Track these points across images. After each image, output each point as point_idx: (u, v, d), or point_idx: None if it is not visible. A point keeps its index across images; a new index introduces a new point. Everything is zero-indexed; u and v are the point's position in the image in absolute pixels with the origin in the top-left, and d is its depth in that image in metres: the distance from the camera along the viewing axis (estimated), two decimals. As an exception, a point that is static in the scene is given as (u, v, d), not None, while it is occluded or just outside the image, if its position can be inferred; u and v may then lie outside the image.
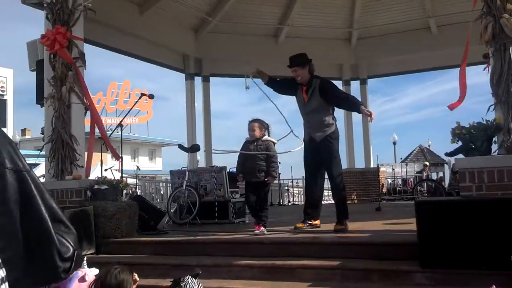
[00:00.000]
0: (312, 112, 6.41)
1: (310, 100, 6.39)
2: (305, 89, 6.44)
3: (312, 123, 6.42)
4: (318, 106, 6.36)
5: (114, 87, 42.84)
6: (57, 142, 6.96)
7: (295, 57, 6.51)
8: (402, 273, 4.43)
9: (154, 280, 5.05)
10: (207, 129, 13.43)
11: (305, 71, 6.42)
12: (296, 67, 6.42)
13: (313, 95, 6.35)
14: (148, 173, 37.39)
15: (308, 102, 6.41)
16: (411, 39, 13.52)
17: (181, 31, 12.82)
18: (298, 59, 6.48)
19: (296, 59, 6.48)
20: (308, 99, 6.40)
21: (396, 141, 36.27)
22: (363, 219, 7.62)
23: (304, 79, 6.43)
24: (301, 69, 6.40)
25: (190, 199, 8.01)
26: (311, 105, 6.40)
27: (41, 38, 7.18)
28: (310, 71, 6.46)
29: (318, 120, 6.35)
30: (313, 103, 6.37)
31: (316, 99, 6.35)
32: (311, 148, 6.40)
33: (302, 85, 6.47)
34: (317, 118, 6.36)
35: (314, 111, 6.39)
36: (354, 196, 14.07)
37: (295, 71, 6.43)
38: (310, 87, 6.40)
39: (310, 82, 6.42)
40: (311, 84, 6.40)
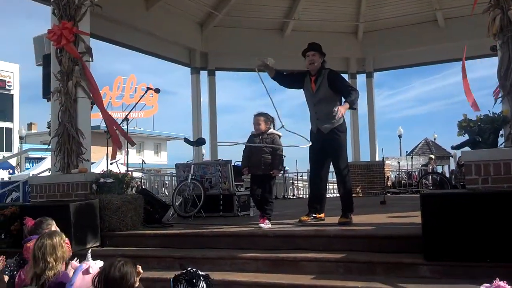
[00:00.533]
0: (320, 103, 6.40)
1: (318, 90, 6.40)
2: (314, 79, 6.46)
3: (320, 114, 6.40)
4: (326, 97, 6.36)
5: (120, 81, 42.99)
6: (64, 136, 6.98)
7: (315, 44, 6.59)
8: (406, 265, 4.42)
9: (159, 273, 5.07)
10: (213, 123, 13.43)
11: (320, 60, 6.48)
12: (315, 52, 6.48)
13: (322, 85, 6.36)
14: (153, 167, 37.51)
15: (317, 92, 6.41)
16: (418, 32, 13.45)
17: (187, 25, 12.81)
18: (318, 46, 6.56)
19: (316, 45, 6.56)
20: (316, 89, 6.41)
21: (402, 134, 36.20)
22: (367, 212, 7.62)
23: (316, 67, 6.45)
24: (318, 56, 6.47)
25: (195, 192, 8.03)
26: (319, 95, 6.39)
27: (48, 33, 7.19)
28: (323, 63, 6.53)
29: (326, 111, 6.33)
30: (321, 93, 6.38)
31: (324, 89, 6.36)
32: (318, 140, 6.36)
33: (311, 75, 6.49)
34: (325, 109, 6.35)
35: (322, 101, 6.39)
36: (359, 189, 14.07)
37: (313, 55, 6.45)
38: (319, 77, 6.42)
39: (320, 72, 6.44)
40: (320, 74, 6.43)
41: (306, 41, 6.77)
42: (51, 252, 3.62)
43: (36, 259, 3.63)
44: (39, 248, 3.64)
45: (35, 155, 31.64)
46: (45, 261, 3.60)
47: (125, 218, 6.46)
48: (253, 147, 6.39)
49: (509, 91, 4.77)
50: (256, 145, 6.36)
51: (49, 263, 3.60)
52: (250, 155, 6.46)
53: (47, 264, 3.59)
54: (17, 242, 5.97)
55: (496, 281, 2.71)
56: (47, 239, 3.69)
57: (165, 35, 12.02)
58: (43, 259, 3.59)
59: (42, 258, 3.60)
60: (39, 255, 3.61)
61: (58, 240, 3.73)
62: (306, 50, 6.56)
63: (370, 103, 14.90)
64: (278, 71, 6.69)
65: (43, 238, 3.72)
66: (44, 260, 3.59)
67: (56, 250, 3.66)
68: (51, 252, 3.62)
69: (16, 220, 6.38)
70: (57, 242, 3.70)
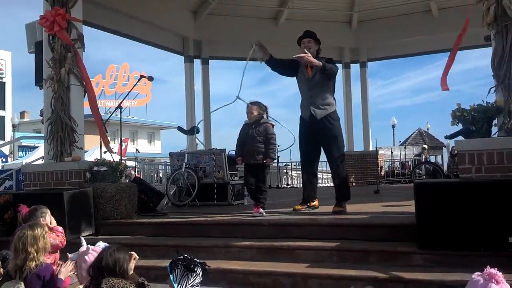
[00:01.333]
0: (315, 87, 6.43)
1: (314, 76, 6.43)
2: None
3: (314, 99, 6.41)
4: (322, 82, 6.41)
5: (113, 69, 42.71)
6: (57, 124, 6.95)
7: (311, 31, 6.64)
8: (400, 254, 4.45)
9: (153, 261, 5.08)
10: (206, 111, 13.40)
11: (316, 47, 6.53)
12: (310, 39, 6.53)
13: (318, 71, 6.38)
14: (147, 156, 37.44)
15: (312, 77, 6.45)
16: (412, 22, 13.44)
17: (180, 13, 12.74)
18: (313, 33, 6.62)
19: (312, 33, 6.61)
20: (312, 75, 6.44)
21: (395, 124, 36.35)
22: (361, 201, 7.65)
23: (312, 53, 6.43)
24: (314, 43, 6.53)
25: (189, 181, 8.04)
26: (315, 80, 6.43)
27: (40, 20, 7.12)
28: (318, 50, 6.58)
29: (321, 96, 6.39)
30: (317, 78, 6.41)
31: (320, 75, 6.39)
32: (311, 125, 6.39)
33: None
34: (320, 94, 6.40)
35: (317, 86, 6.42)
36: (353, 179, 14.11)
37: (309, 42, 6.51)
38: None
39: (316, 59, 6.42)
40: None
41: (300, 30, 6.77)
42: (32, 243, 3.60)
43: (16, 250, 3.61)
44: (19, 239, 3.62)
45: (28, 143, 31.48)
46: (25, 252, 3.57)
47: (119, 206, 6.45)
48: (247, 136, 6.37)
49: (502, 80, 4.78)
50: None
51: (29, 253, 3.57)
52: (244, 144, 6.46)
53: (28, 254, 3.56)
54: (10, 231, 5.94)
55: (488, 269, 2.74)
56: (28, 230, 3.67)
57: (159, 22, 11.94)
58: (24, 249, 3.57)
59: (23, 248, 3.57)
60: (20, 245, 3.59)
61: (39, 231, 3.71)
62: (301, 37, 6.58)
63: (363, 93, 14.92)
64: (272, 56, 6.70)
65: (24, 229, 3.71)
66: (24, 250, 3.57)
67: (37, 241, 3.63)
68: (32, 242, 3.60)
69: (9, 209, 6.34)
70: (38, 233, 3.68)
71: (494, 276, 2.68)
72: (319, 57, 6.48)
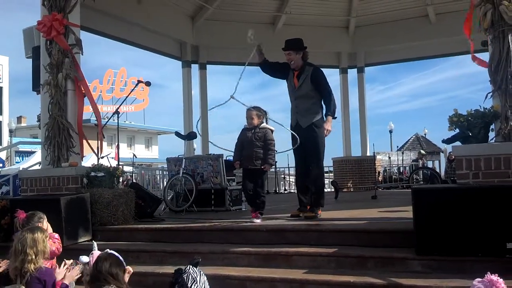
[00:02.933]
0: (301, 98, 6.48)
1: (301, 86, 6.47)
2: (297, 74, 6.51)
3: (300, 109, 6.48)
4: (308, 93, 6.44)
5: (111, 74, 42.69)
6: (54, 129, 6.93)
7: (291, 41, 6.57)
8: (398, 260, 4.44)
9: (151, 267, 5.06)
10: (204, 117, 13.39)
11: (298, 56, 6.49)
12: (290, 51, 6.48)
13: (305, 81, 6.43)
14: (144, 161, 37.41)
15: (299, 88, 6.48)
16: (410, 27, 13.47)
17: (178, 18, 12.75)
18: (293, 43, 6.54)
19: (292, 43, 6.54)
20: (299, 85, 6.47)
21: (393, 130, 36.45)
22: (359, 207, 7.65)
23: (297, 64, 6.49)
24: (295, 53, 6.47)
25: (186, 186, 8.02)
26: (301, 91, 6.47)
27: (38, 25, 7.12)
28: (303, 57, 6.54)
29: (306, 106, 6.44)
30: (304, 89, 6.45)
31: (307, 86, 6.43)
32: (297, 132, 6.42)
33: (294, 70, 6.53)
34: (306, 104, 6.45)
35: (304, 97, 6.47)
36: (350, 184, 14.12)
37: (288, 55, 6.49)
38: (302, 73, 6.48)
39: (303, 68, 6.49)
40: (304, 71, 6.48)
41: (298, 35, 6.77)
42: (31, 245, 3.61)
43: (16, 252, 3.62)
44: (19, 240, 3.64)
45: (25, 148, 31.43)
46: (24, 253, 3.58)
47: (117, 212, 6.42)
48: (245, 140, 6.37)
49: (499, 85, 4.78)
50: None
51: (28, 255, 3.58)
52: (242, 148, 6.45)
53: (26, 256, 3.57)
54: (7, 237, 5.93)
55: (488, 275, 2.73)
56: (28, 233, 3.70)
57: (156, 28, 11.94)
58: (23, 251, 3.58)
59: (22, 250, 3.59)
60: (19, 247, 3.61)
61: (39, 235, 3.72)
62: (283, 48, 6.57)
63: (361, 98, 14.94)
64: (265, 59, 6.72)
65: (24, 232, 3.74)
66: (23, 252, 3.58)
67: (36, 243, 3.64)
68: (31, 245, 3.61)
69: (6, 214, 6.32)
70: (38, 236, 3.70)
71: (495, 283, 2.67)
72: (307, 63, 6.52)
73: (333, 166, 14.74)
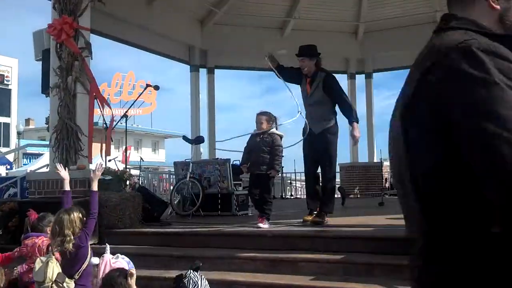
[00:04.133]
0: (314, 105, 6.44)
1: (313, 93, 6.42)
2: (309, 81, 6.46)
3: (313, 116, 6.45)
4: (320, 100, 6.40)
5: (119, 78, 42.77)
6: (62, 132, 6.96)
7: (305, 47, 6.53)
8: (406, 267, 4.40)
9: (157, 271, 5.06)
10: (211, 121, 13.40)
11: (312, 63, 6.43)
12: (304, 57, 6.43)
13: (317, 88, 6.39)
14: (151, 165, 37.48)
15: (311, 95, 6.44)
16: (418, 33, 13.37)
17: (187, 22, 12.78)
18: (307, 50, 6.50)
19: (306, 50, 6.50)
20: (311, 92, 6.43)
21: (400, 136, 36.18)
22: (366, 213, 7.62)
23: (309, 71, 6.44)
24: (308, 60, 6.42)
25: (193, 191, 8.01)
26: (314, 98, 6.43)
27: (48, 28, 7.17)
28: (317, 64, 6.48)
29: (319, 113, 6.40)
30: (316, 96, 6.41)
31: (319, 92, 6.39)
32: (310, 141, 6.41)
33: (307, 77, 6.49)
34: (318, 111, 6.41)
35: (316, 104, 6.43)
36: (357, 191, 14.06)
37: (302, 61, 6.44)
38: (314, 80, 6.43)
39: (315, 75, 6.44)
40: (316, 77, 6.43)
41: (306, 40, 6.77)
42: (69, 226, 3.86)
43: (53, 233, 3.90)
44: (56, 222, 3.92)
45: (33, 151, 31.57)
46: (63, 235, 3.83)
47: (124, 216, 6.44)
48: (253, 145, 6.37)
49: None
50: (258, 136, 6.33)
51: (67, 236, 3.83)
52: (250, 153, 6.45)
53: (65, 237, 3.82)
54: (15, 239, 5.94)
55: None
56: (65, 214, 3.96)
57: (165, 31, 11.98)
58: (61, 233, 3.84)
59: (60, 232, 3.85)
60: (57, 229, 3.86)
61: (75, 215, 3.99)
62: (296, 54, 6.55)
63: (368, 104, 14.90)
64: (280, 64, 6.71)
65: (61, 213, 4.00)
66: (62, 234, 3.83)
67: (73, 224, 3.91)
68: (68, 226, 3.86)
69: (14, 216, 6.34)
70: (74, 217, 3.96)
71: None
72: (320, 69, 6.48)
73: (340, 172, 14.67)
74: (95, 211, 4.41)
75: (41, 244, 4.47)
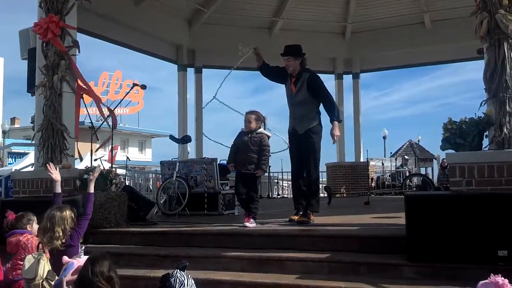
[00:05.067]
0: (298, 104, 6.50)
1: (297, 93, 6.48)
2: (294, 80, 6.51)
3: (296, 115, 6.51)
4: (305, 99, 6.46)
5: (106, 77, 42.53)
6: (48, 131, 6.90)
7: (290, 47, 6.58)
8: (390, 266, 4.44)
9: (143, 271, 5.05)
10: (199, 121, 13.36)
11: (297, 62, 6.48)
12: (289, 57, 6.48)
13: (301, 88, 6.44)
14: (138, 164, 37.30)
15: (296, 94, 6.49)
16: (405, 33, 13.51)
17: (174, 21, 12.74)
18: (292, 49, 6.54)
19: (291, 49, 6.54)
20: (296, 92, 6.48)
21: (386, 136, 36.41)
22: (352, 212, 7.66)
23: (294, 71, 6.50)
24: (293, 59, 6.47)
25: (180, 190, 7.98)
26: (298, 98, 6.48)
27: (34, 27, 7.10)
28: (302, 63, 6.53)
29: (303, 113, 6.46)
30: (300, 96, 6.46)
31: (303, 92, 6.44)
32: (294, 138, 6.49)
33: (291, 76, 6.53)
34: (302, 110, 6.46)
35: (300, 103, 6.48)
36: (343, 190, 14.13)
37: (287, 61, 6.49)
38: (299, 79, 6.48)
39: (300, 74, 6.49)
40: (300, 77, 6.48)
41: (294, 40, 6.80)
42: (60, 223, 3.95)
43: (44, 229, 3.95)
44: (48, 218, 3.98)
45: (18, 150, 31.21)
46: (52, 231, 3.90)
47: (109, 215, 6.40)
48: (241, 144, 6.36)
49: (494, 93, 4.81)
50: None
51: (56, 232, 3.90)
52: (237, 152, 6.45)
53: (54, 233, 3.89)
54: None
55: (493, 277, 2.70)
56: (57, 211, 4.03)
57: (153, 31, 11.92)
58: (51, 228, 3.92)
59: (50, 227, 3.92)
60: (48, 225, 3.93)
61: (67, 213, 4.07)
62: (282, 54, 6.57)
63: (356, 104, 14.95)
64: (265, 63, 6.76)
65: (53, 210, 4.06)
66: (52, 229, 3.91)
67: (65, 221, 4.00)
68: (59, 223, 3.95)
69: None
70: (66, 214, 4.05)
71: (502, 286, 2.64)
72: (305, 69, 6.53)
73: (327, 171, 14.73)
74: (90, 212, 4.44)
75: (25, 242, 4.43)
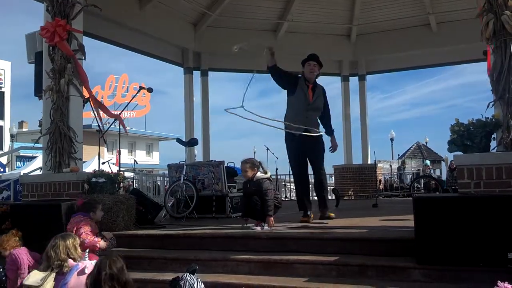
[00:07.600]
0: (313, 110, 6.90)
1: (315, 100, 6.89)
2: (312, 87, 6.88)
3: (310, 120, 6.82)
4: (319, 107, 6.96)
5: (112, 80, 42.76)
6: (55, 135, 6.94)
7: (316, 55, 7.05)
8: (399, 269, 4.43)
9: (151, 274, 5.05)
10: (205, 123, 13.40)
11: (319, 71, 7.00)
12: (316, 63, 6.94)
13: (319, 97, 6.91)
14: (145, 167, 37.38)
15: (314, 101, 6.88)
16: (411, 35, 13.50)
17: (180, 25, 12.78)
18: (317, 57, 7.02)
19: (317, 56, 7.02)
20: (314, 99, 6.88)
21: (394, 138, 36.35)
22: (360, 215, 7.63)
23: (313, 78, 6.92)
24: (318, 67, 6.97)
25: (187, 193, 8.00)
26: (315, 105, 6.91)
27: (41, 30, 7.14)
28: (317, 75, 7.02)
29: (315, 119, 6.95)
30: (317, 103, 6.93)
31: (320, 101, 6.95)
32: (304, 142, 6.63)
33: (307, 82, 6.87)
34: (315, 117, 6.95)
35: (315, 110, 6.92)
36: (351, 192, 14.09)
37: (314, 66, 6.92)
38: (315, 88, 6.90)
39: (315, 84, 6.95)
40: (317, 86, 6.94)
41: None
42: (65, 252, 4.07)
43: (49, 257, 4.06)
44: (52, 247, 4.08)
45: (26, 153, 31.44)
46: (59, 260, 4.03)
47: (117, 218, 6.41)
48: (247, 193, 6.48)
49: (501, 95, 4.79)
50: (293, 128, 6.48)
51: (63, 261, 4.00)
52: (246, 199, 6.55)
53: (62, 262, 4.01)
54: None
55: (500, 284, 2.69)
56: (61, 240, 4.13)
57: (158, 34, 11.97)
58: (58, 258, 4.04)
59: (56, 257, 4.04)
60: (53, 254, 4.05)
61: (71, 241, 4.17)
62: (307, 59, 6.96)
63: (362, 106, 14.93)
64: (276, 64, 6.92)
65: (57, 239, 4.16)
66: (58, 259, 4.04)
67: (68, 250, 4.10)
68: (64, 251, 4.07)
69: (7, 219, 6.30)
70: (69, 243, 4.15)
71: None
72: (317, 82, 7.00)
73: (334, 173, 14.71)
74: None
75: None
